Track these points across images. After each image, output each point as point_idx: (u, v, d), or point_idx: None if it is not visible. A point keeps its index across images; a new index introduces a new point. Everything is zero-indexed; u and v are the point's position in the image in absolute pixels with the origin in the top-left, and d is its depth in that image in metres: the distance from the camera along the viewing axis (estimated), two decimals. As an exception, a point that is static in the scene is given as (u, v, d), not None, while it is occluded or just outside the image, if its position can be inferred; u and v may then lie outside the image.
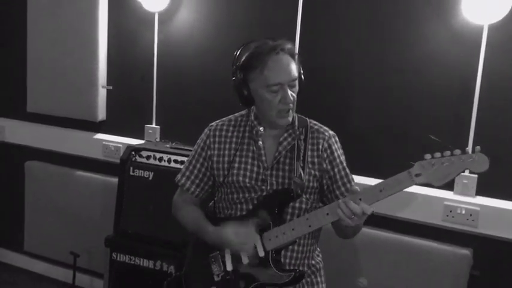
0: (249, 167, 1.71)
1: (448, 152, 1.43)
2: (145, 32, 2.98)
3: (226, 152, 1.75)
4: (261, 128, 1.70)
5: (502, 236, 2.24)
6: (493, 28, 2.19)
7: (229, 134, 1.76)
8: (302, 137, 1.70)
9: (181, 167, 2.44)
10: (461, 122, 2.29)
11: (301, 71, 1.69)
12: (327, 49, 2.58)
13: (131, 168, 2.62)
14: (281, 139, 1.71)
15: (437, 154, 1.44)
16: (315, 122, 1.78)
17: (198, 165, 1.80)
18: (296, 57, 1.66)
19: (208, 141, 1.78)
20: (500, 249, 2.28)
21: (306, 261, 1.75)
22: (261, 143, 1.70)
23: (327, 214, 1.56)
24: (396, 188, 1.49)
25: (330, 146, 1.72)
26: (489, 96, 2.24)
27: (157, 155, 2.61)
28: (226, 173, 1.71)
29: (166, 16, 2.92)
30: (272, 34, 2.61)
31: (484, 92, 2.24)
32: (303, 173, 1.66)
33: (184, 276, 1.81)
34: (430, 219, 2.34)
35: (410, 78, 2.38)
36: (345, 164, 1.74)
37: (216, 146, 1.76)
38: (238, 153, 1.72)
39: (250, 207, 1.69)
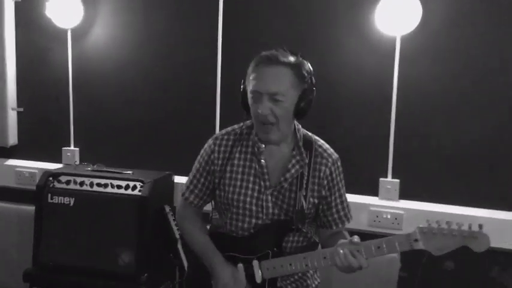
0: (250, 185, 1.68)
1: (451, 223, 1.44)
2: (58, 49, 2.82)
3: (229, 168, 1.71)
4: (263, 145, 1.66)
5: (425, 237, 2.34)
6: (405, 39, 2.30)
7: (234, 149, 1.71)
8: (306, 161, 1.66)
9: (107, 190, 2.38)
10: (381, 129, 2.38)
11: (308, 86, 1.62)
12: (247, 60, 2.57)
13: (49, 194, 2.44)
14: (289, 166, 1.66)
15: (435, 224, 1.45)
16: (320, 143, 1.73)
17: (202, 180, 1.78)
18: (301, 72, 1.59)
19: (212, 156, 1.74)
20: (424, 250, 2.37)
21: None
22: (263, 161, 1.67)
23: (324, 258, 1.58)
24: (393, 249, 1.52)
25: (331, 173, 1.69)
26: (405, 102, 2.34)
27: (78, 179, 2.46)
28: (227, 189, 1.70)
29: (80, 32, 2.78)
30: (192, 46, 2.68)
31: (401, 99, 2.34)
32: (305, 202, 1.64)
33: (186, 282, 1.87)
34: (358, 225, 2.38)
35: (330, 88, 2.43)
36: (342, 191, 1.74)
37: (220, 162, 1.72)
38: (240, 169, 1.69)
39: (249, 229, 1.68)
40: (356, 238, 1.53)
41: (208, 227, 1.88)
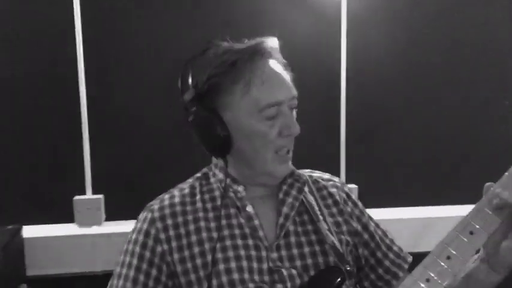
0: (242, 253, 1.01)
1: None
2: None
3: (196, 245, 1.02)
4: (241, 188, 1.06)
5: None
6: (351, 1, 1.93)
7: (190, 217, 1.04)
8: (306, 189, 1.11)
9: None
10: (331, 97, 2.00)
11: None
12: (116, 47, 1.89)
13: None
14: (281, 196, 1.07)
15: None
16: (308, 171, 1.20)
17: (151, 284, 1.01)
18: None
19: (162, 237, 1.04)
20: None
21: None
22: (250, 208, 1.05)
23: (471, 233, 0.84)
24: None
25: (349, 196, 1.15)
26: (355, 67, 2.00)
27: None
28: (206, 275, 1.00)
29: None
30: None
31: (350, 65, 1.99)
32: (334, 238, 1.05)
33: None
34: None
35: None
36: (373, 219, 1.18)
37: (175, 243, 1.03)
38: (216, 236, 1.05)
39: None
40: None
41: None
